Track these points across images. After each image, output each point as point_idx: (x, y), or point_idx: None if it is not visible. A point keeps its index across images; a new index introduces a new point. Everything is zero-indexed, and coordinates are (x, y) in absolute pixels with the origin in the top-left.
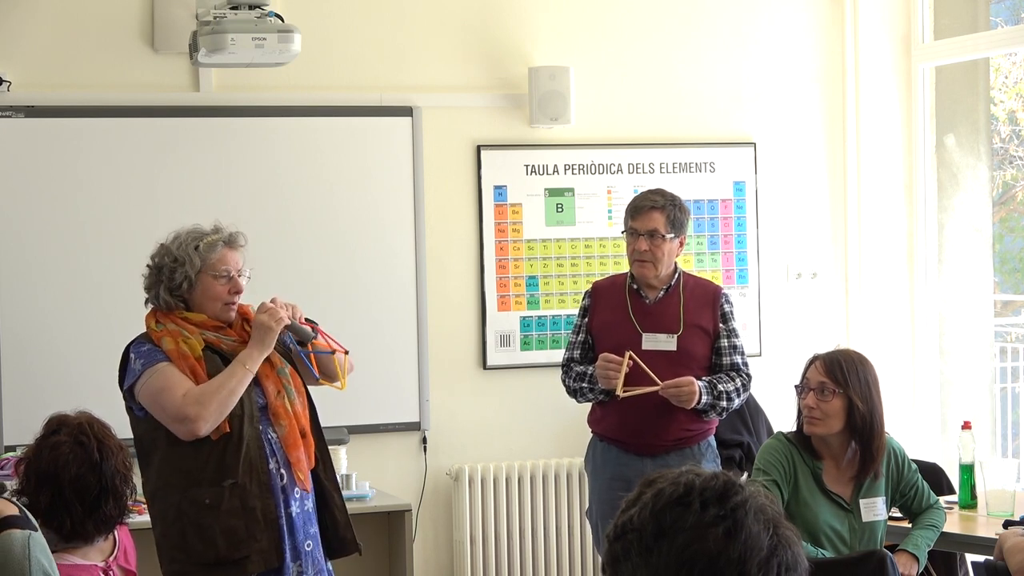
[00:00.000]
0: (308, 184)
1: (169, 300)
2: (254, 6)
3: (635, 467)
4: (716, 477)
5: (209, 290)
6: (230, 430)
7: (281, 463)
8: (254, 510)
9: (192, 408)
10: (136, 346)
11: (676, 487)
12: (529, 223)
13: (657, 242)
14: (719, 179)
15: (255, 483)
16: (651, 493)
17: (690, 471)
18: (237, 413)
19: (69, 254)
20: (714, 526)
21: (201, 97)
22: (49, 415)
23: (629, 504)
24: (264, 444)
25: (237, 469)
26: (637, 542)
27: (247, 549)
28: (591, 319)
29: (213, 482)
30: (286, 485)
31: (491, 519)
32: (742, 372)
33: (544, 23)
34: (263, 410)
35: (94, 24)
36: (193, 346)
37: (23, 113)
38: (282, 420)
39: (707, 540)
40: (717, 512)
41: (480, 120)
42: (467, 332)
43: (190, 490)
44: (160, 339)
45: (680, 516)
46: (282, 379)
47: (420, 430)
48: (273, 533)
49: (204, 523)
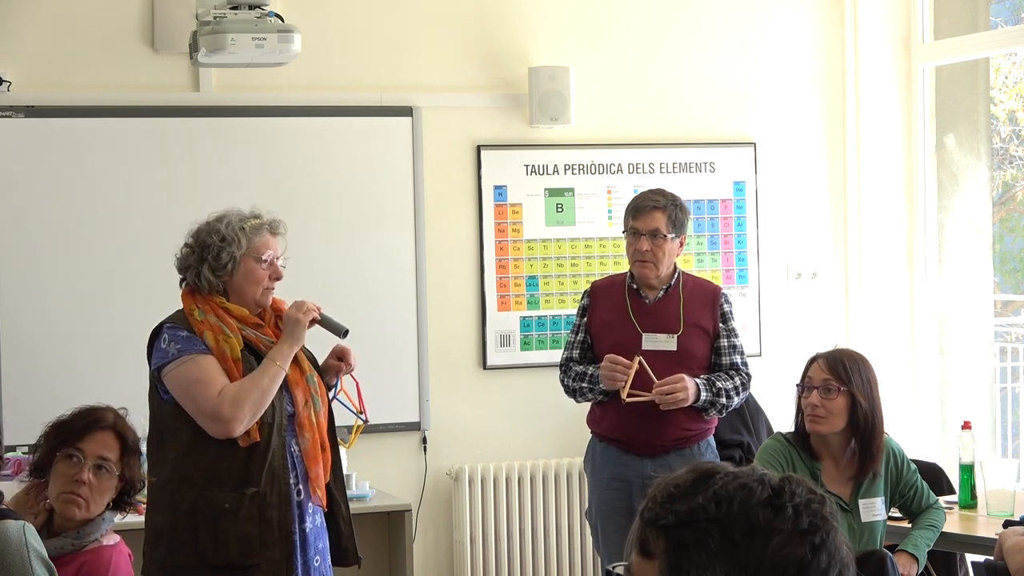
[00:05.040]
0: (308, 184)
1: (212, 280)
2: (254, 6)
3: (635, 467)
4: (801, 483)
5: (251, 274)
6: (259, 438)
7: (300, 478)
8: (271, 520)
9: (228, 408)
10: (172, 328)
11: (763, 486)
12: (529, 223)
13: (658, 242)
14: (719, 179)
15: (275, 494)
16: (733, 486)
17: (757, 469)
18: (267, 422)
19: (69, 253)
20: (809, 533)
21: (201, 97)
22: (84, 406)
23: (685, 491)
24: (287, 456)
25: (260, 478)
26: (719, 534)
27: (258, 558)
28: (590, 319)
29: (235, 487)
30: (302, 500)
31: (491, 519)
32: (741, 371)
33: (544, 23)
34: (290, 419)
35: (94, 24)
36: (233, 346)
37: (23, 113)
38: (306, 432)
39: (802, 546)
40: (811, 520)
41: (480, 120)
42: (467, 332)
43: (209, 490)
44: (202, 332)
45: (773, 517)
46: (310, 387)
47: (420, 430)
48: (286, 546)
49: (220, 526)
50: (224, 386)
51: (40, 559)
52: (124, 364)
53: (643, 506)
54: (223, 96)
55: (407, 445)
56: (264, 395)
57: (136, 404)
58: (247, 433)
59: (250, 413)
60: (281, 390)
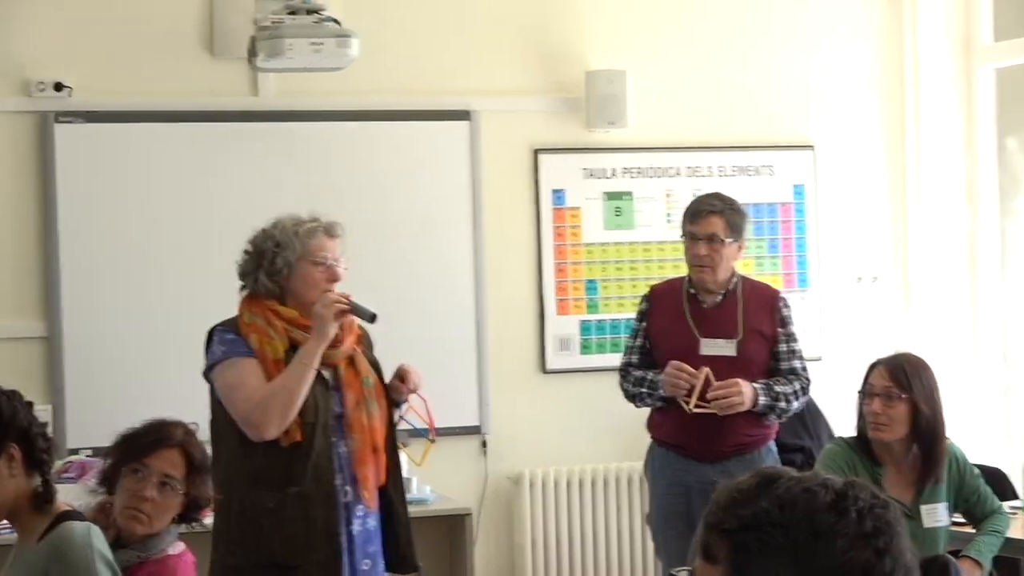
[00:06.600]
0: (366, 189)
1: (268, 285)
2: (312, 11)
3: (695, 473)
4: (864, 487)
5: (308, 277)
6: (302, 438)
7: (347, 479)
8: (315, 520)
9: (255, 414)
10: (221, 331)
11: (826, 490)
12: (588, 226)
13: (716, 246)
14: (778, 183)
15: (320, 494)
16: (797, 490)
17: (820, 473)
18: (311, 422)
19: (130, 258)
20: (873, 537)
21: (260, 102)
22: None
23: (748, 495)
24: (333, 457)
25: (303, 478)
26: (783, 538)
27: (303, 558)
28: (649, 324)
29: (278, 487)
30: (350, 501)
31: (552, 523)
32: (801, 376)
33: (600, 26)
34: (338, 419)
35: (154, 30)
36: (276, 348)
37: (84, 118)
38: (355, 434)
39: (866, 550)
40: (874, 524)
41: (537, 124)
42: (526, 336)
43: (253, 490)
44: (248, 334)
45: (837, 521)
46: (365, 389)
47: (480, 434)
48: (332, 547)
49: (264, 525)
50: (255, 389)
51: (104, 561)
52: (185, 368)
53: (707, 511)
54: (281, 101)
55: (467, 449)
56: (292, 396)
57: (197, 409)
58: (288, 433)
59: (279, 415)
60: (330, 390)
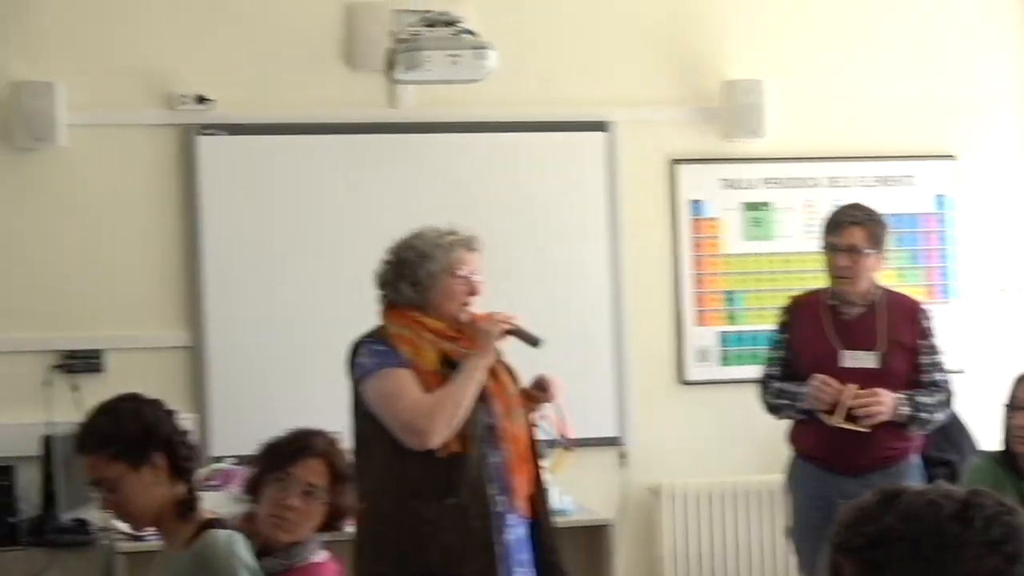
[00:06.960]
0: (503, 200)
1: (411, 294)
2: (449, 23)
3: (837, 487)
4: (989, 495)
5: (448, 289)
6: (460, 449)
7: (500, 488)
8: (474, 531)
9: (422, 421)
10: (370, 343)
11: (950, 500)
12: (726, 237)
13: (856, 258)
14: (918, 193)
15: (477, 504)
16: (920, 503)
17: (942, 485)
18: (467, 433)
19: (272, 268)
20: (1002, 544)
21: (398, 114)
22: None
23: (871, 512)
24: (487, 467)
25: (461, 489)
26: (911, 551)
27: (460, 568)
28: (790, 335)
29: (435, 498)
30: (503, 511)
31: (694, 535)
32: (944, 388)
33: (737, 36)
34: (489, 430)
35: (294, 43)
36: (429, 358)
37: (227, 131)
38: (507, 443)
39: (995, 557)
40: (1002, 531)
41: (674, 134)
42: (664, 347)
43: (410, 501)
44: (398, 345)
45: (963, 530)
46: (511, 400)
47: (619, 445)
48: (488, 557)
49: (422, 536)
50: (419, 398)
51: (247, 568)
52: (324, 378)
53: (832, 532)
54: (419, 113)
55: (605, 460)
56: (458, 407)
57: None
58: (446, 444)
59: (445, 425)
60: (480, 402)
